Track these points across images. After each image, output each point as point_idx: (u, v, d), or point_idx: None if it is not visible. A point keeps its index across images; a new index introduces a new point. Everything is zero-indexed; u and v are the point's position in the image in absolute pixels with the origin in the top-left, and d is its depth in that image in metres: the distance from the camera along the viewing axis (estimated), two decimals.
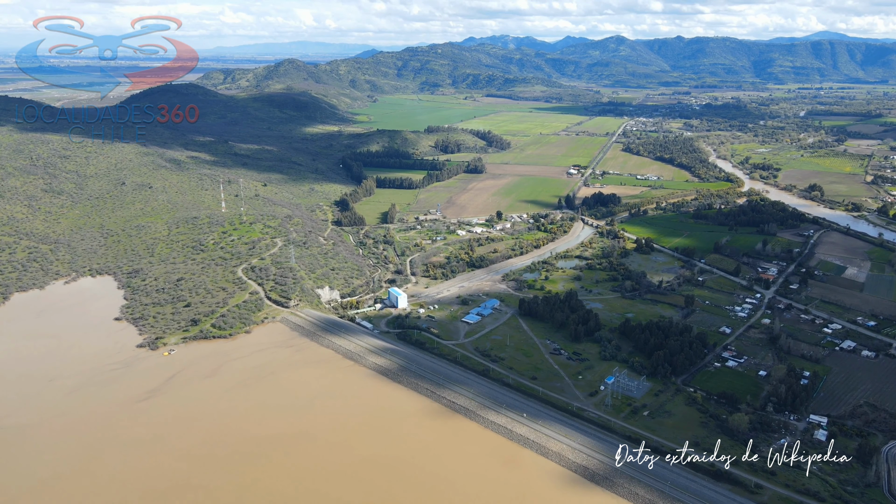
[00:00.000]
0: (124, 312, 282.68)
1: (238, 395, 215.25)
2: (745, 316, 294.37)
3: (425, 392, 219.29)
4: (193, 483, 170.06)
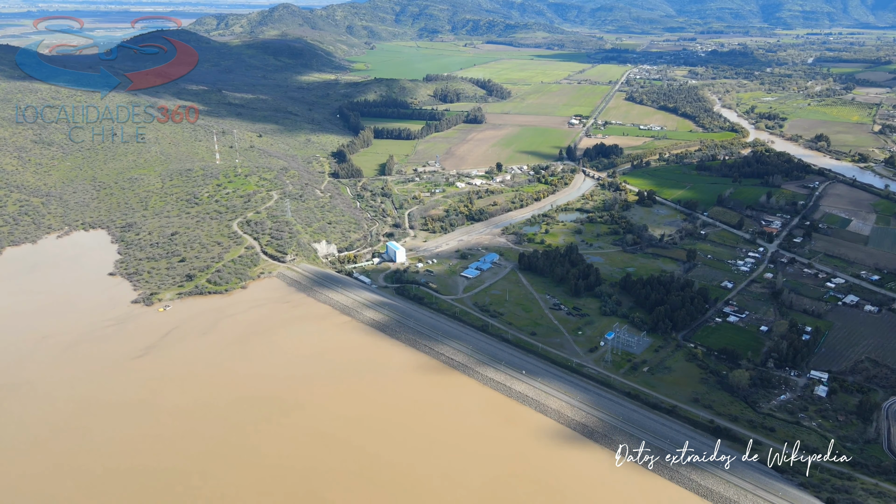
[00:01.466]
0: (118, 267, 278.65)
1: (234, 352, 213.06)
2: (747, 270, 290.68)
3: (423, 348, 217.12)
4: (189, 442, 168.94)
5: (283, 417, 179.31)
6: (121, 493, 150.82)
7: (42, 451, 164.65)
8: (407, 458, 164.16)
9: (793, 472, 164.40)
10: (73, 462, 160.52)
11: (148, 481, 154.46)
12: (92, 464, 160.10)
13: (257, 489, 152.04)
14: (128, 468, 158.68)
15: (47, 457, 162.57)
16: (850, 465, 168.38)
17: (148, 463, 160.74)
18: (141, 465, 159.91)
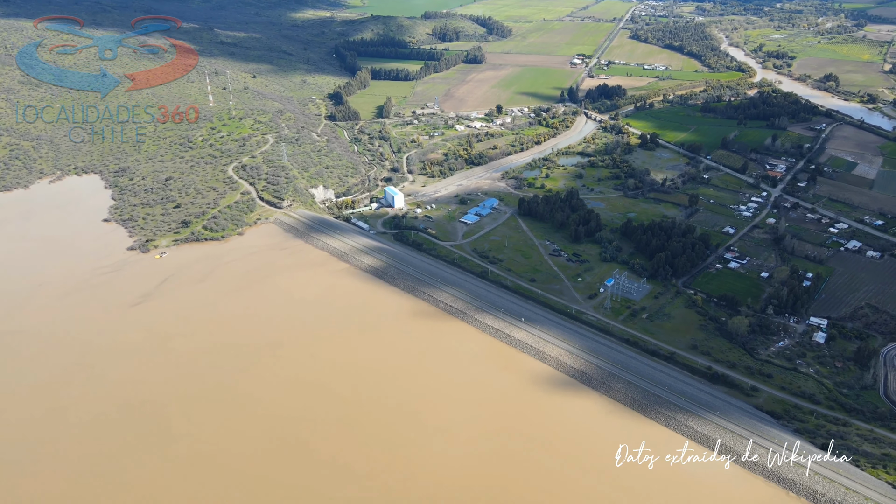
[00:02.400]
0: (113, 214, 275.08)
1: (232, 299, 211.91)
2: (749, 215, 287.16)
3: (422, 295, 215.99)
4: (187, 390, 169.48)
5: (279, 364, 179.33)
6: (114, 435, 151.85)
7: (43, 397, 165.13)
8: (404, 404, 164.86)
9: (789, 417, 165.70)
10: (72, 407, 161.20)
11: (141, 425, 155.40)
12: (89, 408, 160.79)
13: (248, 434, 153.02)
14: (123, 413, 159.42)
15: (48, 404, 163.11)
16: (846, 411, 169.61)
17: (143, 408, 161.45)
18: (136, 410, 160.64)
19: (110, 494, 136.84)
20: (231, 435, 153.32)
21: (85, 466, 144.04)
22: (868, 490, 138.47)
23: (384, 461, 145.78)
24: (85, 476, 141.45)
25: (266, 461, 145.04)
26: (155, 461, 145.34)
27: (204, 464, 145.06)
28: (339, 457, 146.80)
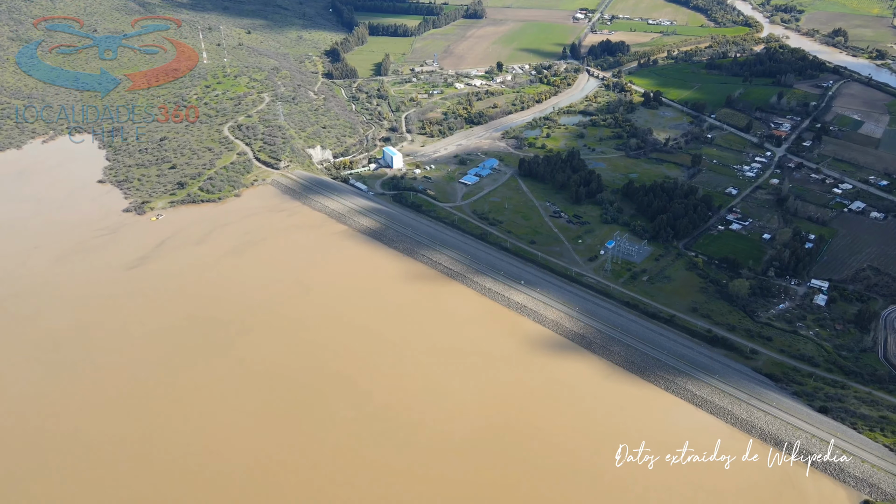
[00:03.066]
0: (107, 174, 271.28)
1: (229, 262, 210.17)
2: (753, 176, 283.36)
3: (421, 258, 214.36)
4: (185, 353, 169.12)
5: (282, 329, 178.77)
6: (113, 397, 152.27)
7: (41, 360, 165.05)
8: (401, 368, 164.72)
9: (787, 380, 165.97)
10: (70, 370, 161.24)
11: (138, 385, 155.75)
12: (87, 371, 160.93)
13: (242, 396, 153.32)
14: (121, 376, 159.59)
15: (46, 366, 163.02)
16: (845, 374, 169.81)
17: (139, 370, 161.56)
18: (132, 372, 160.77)
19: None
20: (224, 394, 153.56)
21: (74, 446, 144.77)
22: (865, 453, 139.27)
23: (379, 424, 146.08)
24: (76, 444, 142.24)
25: (262, 421, 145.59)
26: (143, 415, 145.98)
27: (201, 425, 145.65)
28: (337, 416, 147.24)
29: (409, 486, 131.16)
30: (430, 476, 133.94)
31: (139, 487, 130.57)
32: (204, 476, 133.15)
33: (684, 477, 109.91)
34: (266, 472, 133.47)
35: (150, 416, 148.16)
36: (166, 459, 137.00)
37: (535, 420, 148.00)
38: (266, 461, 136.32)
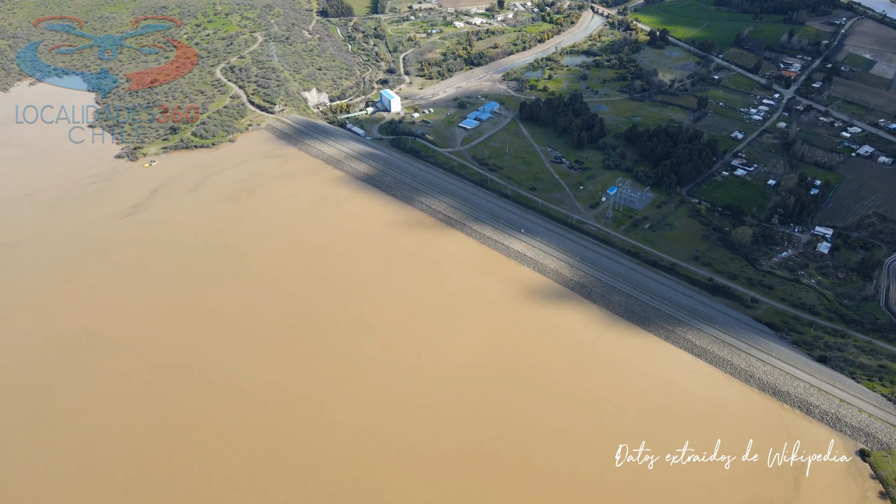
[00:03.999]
0: (98, 119, 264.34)
1: (225, 210, 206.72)
2: (760, 119, 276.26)
3: (419, 205, 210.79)
4: (181, 300, 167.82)
5: (273, 276, 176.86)
6: (108, 342, 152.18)
7: (40, 305, 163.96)
8: (399, 314, 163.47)
9: (787, 329, 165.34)
10: (68, 318, 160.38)
11: (134, 331, 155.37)
12: (84, 319, 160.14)
13: (237, 344, 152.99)
14: (119, 322, 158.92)
15: (46, 311, 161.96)
16: (845, 323, 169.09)
17: (136, 317, 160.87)
18: (129, 318, 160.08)
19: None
20: (215, 343, 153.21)
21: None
22: (862, 402, 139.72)
23: (375, 370, 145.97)
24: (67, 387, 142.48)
25: (258, 365, 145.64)
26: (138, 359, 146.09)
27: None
28: (335, 364, 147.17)
29: (410, 412, 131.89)
30: (429, 404, 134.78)
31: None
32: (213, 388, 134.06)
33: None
34: (276, 391, 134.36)
35: (157, 349, 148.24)
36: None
37: (534, 359, 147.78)
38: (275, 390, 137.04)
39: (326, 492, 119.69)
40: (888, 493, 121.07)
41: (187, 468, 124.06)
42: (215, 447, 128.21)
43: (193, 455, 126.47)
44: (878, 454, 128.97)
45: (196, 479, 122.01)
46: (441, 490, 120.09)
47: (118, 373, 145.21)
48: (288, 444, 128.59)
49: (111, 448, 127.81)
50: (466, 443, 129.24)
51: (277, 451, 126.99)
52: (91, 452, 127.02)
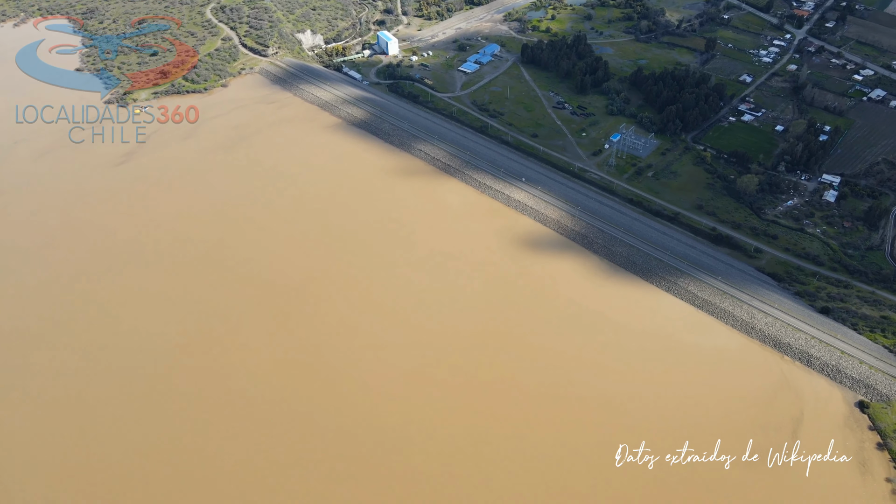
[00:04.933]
0: (85, 62, 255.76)
1: (219, 158, 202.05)
2: (769, 61, 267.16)
3: (418, 153, 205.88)
4: (176, 252, 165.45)
5: (269, 226, 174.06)
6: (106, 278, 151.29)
7: (32, 258, 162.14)
8: (397, 265, 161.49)
9: (790, 280, 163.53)
10: (63, 266, 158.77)
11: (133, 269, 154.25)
12: (78, 265, 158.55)
13: (235, 288, 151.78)
14: (115, 258, 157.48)
15: (48, 260, 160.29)
16: (849, 273, 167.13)
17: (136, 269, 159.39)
18: (128, 255, 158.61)
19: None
20: (217, 290, 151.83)
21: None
22: (863, 354, 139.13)
23: (368, 322, 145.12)
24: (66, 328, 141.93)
25: (257, 309, 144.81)
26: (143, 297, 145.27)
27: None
28: (332, 314, 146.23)
29: (409, 364, 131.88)
30: (427, 354, 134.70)
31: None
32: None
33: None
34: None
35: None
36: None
37: (533, 312, 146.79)
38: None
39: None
40: (885, 445, 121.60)
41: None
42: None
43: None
44: (877, 406, 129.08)
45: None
46: (437, 449, 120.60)
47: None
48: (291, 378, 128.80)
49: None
50: (462, 392, 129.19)
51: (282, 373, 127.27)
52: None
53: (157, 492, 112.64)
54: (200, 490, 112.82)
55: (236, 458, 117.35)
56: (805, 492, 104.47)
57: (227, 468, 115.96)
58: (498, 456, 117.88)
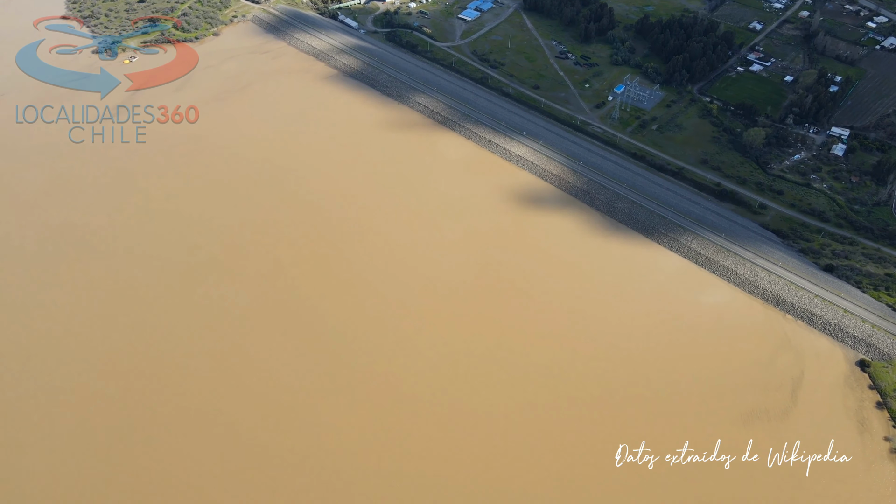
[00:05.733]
0: (71, 8, 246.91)
1: (211, 110, 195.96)
2: (781, 7, 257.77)
3: (416, 105, 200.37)
4: (168, 211, 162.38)
5: (264, 179, 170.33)
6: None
7: (30, 211, 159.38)
8: (395, 222, 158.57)
9: (795, 237, 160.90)
10: (61, 228, 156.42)
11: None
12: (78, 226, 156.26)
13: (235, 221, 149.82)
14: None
15: (49, 201, 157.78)
16: (855, 230, 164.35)
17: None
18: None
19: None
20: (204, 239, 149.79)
21: None
22: (866, 312, 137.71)
23: (366, 275, 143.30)
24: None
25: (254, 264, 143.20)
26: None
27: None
28: (329, 267, 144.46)
29: (406, 317, 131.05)
30: (427, 307, 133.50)
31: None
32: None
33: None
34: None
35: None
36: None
37: (532, 269, 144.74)
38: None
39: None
40: (885, 404, 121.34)
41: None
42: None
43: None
44: (879, 364, 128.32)
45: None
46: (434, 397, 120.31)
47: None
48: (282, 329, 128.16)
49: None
50: (459, 351, 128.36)
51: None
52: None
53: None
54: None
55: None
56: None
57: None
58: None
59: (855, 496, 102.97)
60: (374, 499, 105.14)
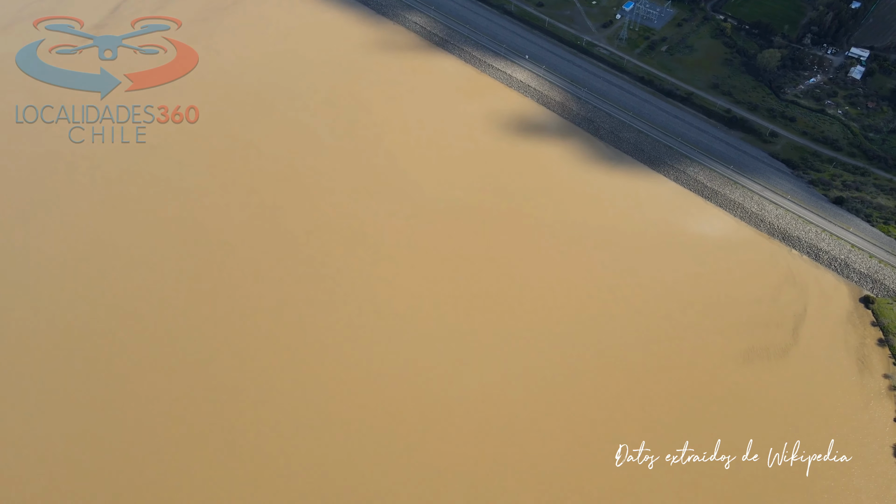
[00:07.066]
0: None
1: (196, 31, 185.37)
2: None
3: (412, 25, 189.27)
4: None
5: (255, 110, 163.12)
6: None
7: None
8: (384, 156, 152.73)
9: (805, 167, 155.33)
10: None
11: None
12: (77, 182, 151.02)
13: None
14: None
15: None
16: (868, 159, 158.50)
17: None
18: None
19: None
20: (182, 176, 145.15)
21: None
22: (874, 247, 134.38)
23: (362, 201, 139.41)
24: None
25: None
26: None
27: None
28: (319, 200, 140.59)
29: (401, 252, 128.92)
30: (424, 240, 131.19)
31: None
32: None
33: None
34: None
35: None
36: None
37: (533, 200, 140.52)
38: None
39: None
40: (887, 341, 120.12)
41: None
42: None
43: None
44: (883, 301, 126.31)
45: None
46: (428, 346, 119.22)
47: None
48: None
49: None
50: (455, 286, 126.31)
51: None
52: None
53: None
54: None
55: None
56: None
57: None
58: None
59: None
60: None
